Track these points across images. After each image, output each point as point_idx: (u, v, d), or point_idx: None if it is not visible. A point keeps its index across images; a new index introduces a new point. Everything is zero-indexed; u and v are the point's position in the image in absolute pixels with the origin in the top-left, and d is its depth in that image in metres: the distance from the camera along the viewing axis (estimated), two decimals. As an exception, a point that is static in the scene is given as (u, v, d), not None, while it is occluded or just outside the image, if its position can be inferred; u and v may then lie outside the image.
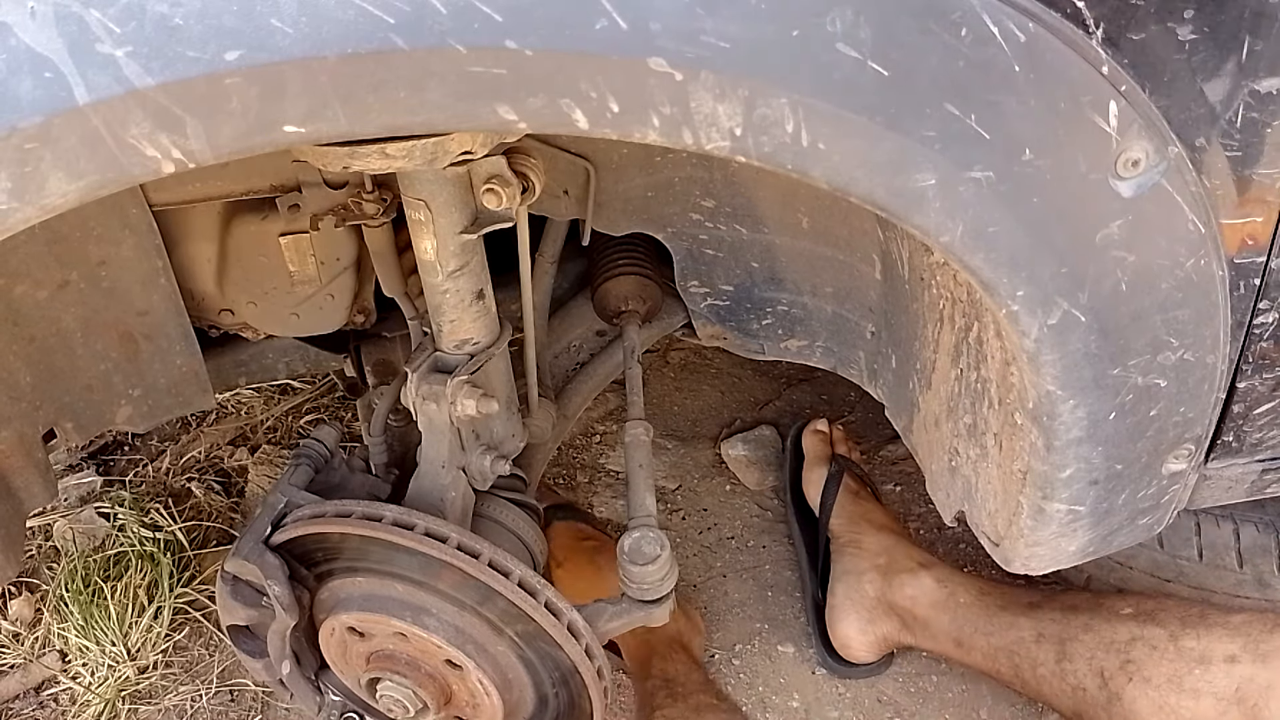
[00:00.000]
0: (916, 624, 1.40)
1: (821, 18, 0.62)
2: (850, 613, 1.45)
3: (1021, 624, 1.30)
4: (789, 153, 0.65)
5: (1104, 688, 1.20)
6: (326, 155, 0.84)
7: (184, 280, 1.15)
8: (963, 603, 1.35)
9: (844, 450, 1.65)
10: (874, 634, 1.44)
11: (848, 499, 1.55)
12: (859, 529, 1.50)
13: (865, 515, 1.53)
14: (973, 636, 1.34)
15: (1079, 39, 0.67)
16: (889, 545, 1.46)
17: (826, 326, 1.25)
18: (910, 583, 1.40)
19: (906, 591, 1.40)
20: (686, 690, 1.33)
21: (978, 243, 0.71)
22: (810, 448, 1.66)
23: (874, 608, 1.43)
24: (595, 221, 1.22)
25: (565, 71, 0.61)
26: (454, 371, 1.07)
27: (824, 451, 1.64)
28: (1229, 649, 1.14)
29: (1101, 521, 0.94)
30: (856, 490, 1.58)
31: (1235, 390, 0.90)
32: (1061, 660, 1.25)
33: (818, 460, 1.63)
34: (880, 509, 1.57)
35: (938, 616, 1.37)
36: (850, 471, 1.60)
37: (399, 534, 0.98)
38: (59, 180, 0.62)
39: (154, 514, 1.69)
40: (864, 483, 1.62)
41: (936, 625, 1.37)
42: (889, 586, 1.42)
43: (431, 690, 1.06)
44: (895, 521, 1.56)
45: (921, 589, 1.39)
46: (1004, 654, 1.31)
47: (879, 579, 1.43)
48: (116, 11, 0.58)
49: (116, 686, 1.49)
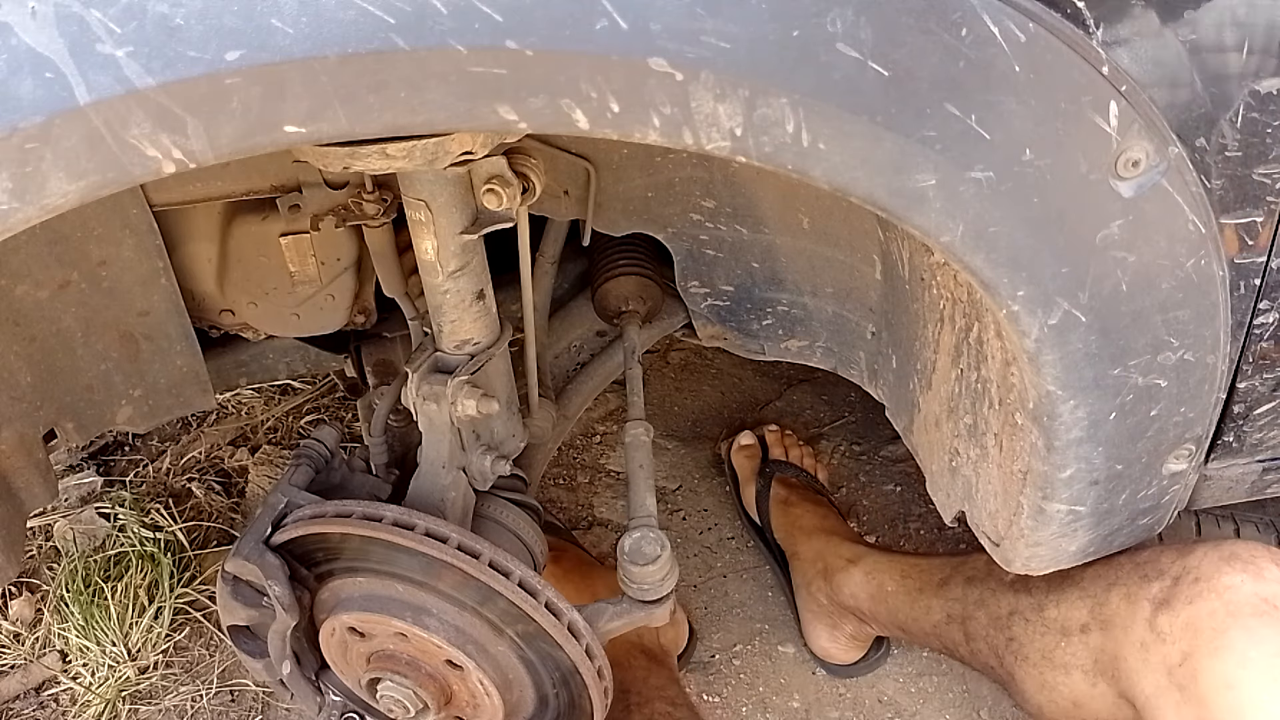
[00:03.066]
0: (867, 617, 1.41)
1: (822, 18, 0.62)
2: (814, 624, 1.47)
3: (935, 606, 1.27)
4: (789, 153, 0.65)
5: (1001, 666, 1.16)
6: (327, 155, 0.84)
7: (184, 280, 1.15)
8: (890, 591, 1.35)
9: (780, 452, 1.65)
10: (843, 636, 1.46)
11: (778, 511, 1.56)
12: (794, 539, 1.52)
13: (795, 523, 1.53)
14: (907, 623, 1.33)
15: (1079, 39, 0.67)
16: (820, 548, 1.47)
17: (827, 327, 1.25)
18: (846, 582, 1.41)
19: (845, 591, 1.41)
20: (643, 698, 1.30)
21: (978, 243, 0.71)
22: (738, 465, 1.67)
23: (830, 612, 1.45)
24: (595, 222, 1.22)
25: (566, 72, 0.61)
26: (454, 372, 1.07)
27: (752, 467, 1.64)
28: (1081, 616, 1.06)
29: (1102, 522, 0.94)
30: (785, 498, 1.58)
31: (1235, 390, 0.90)
32: (969, 641, 1.21)
33: (748, 477, 1.64)
34: (809, 510, 1.56)
35: (875, 609, 1.38)
36: (779, 479, 1.60)
37: (399, 534, 0.98)
38: (60, 180, 0.62)
39: (154, 514, 1.69)
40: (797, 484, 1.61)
41: (879, 616, 1.38)
42: (832, 589, 1.43)
43: (432, 690, 1.06)
44: (824, 518, 1.54)
45: (855, 585, 1.39)
46: (933, 637, 1.29)
47: (823, 583, 1.44)
48: (117, 12, 0.58)
49: (117, 687, 1.49)
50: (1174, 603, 0.97)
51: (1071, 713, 1.10)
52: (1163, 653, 0.97)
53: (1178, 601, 0.97)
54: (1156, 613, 0.98)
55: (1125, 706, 1.04)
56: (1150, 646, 0.98)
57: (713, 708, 1.47)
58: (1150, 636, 0.98)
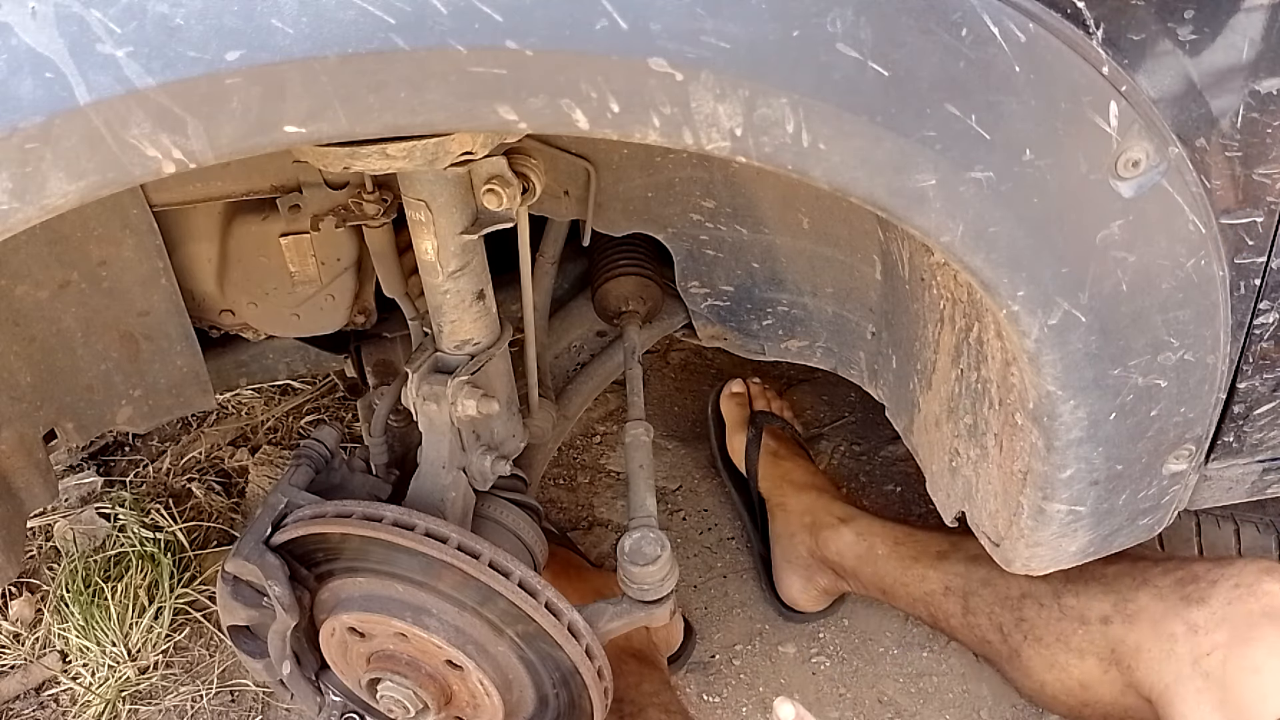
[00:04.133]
0: (848, 575, 1.45)
1: (822, 18, 0.62)
2: (790, 573, 1.51)
3: (931, 576, 1.33)
4: (789, 153, 0.65)
5: (1004, 642, 1.24)
6: (327, 156, 0.84)
7: (184, 281, 1.15)
8: (881, 555, 1.40)
9: (764, 405, 1.67)
10: (815, 588, 1.50)
11: (768, 462, 1.59)
12: (782, 491, 1.55)
13: (786, 476, 1.57)
14: (893, 587, 1.38)
15: (1079, 39, 0.67)
16: (810, 503, 1.51)
17: (827, 327, 1.25)
18: (834, 539, 1.45)
19: (832, 547, 1.45)
20: (637, 706, 1.30)
21: (978, 243, 0.71)
22: (728, 412, 1.68)
23: (809, 564, 1.49)
24: (596, 222, 1.22)
25: (566, 72, 0.61)
26: (454, 372, 1.07)
27: (742, 415, 1.66)
28: (1102, 608, 1.14)
29: (1102, 522, 0.94)
30: (776, 449, 1.61)
31: (1236, 391, 0.90)
32: (967, 614, 1.28)
33: (737, 424, 1.66)
34: (800, 465, 1.59)
35: (861, 568, 1.42)
36: (770, 430, 1.62)
37: (399, 534, 0.98)
38: (60, 180, 0.62)
39: (154, 514, 1.69)
40: (787, 436, 1.64)
41: (863, 576, 1.43)
42: (817, 543, 1.47)
43: (432, 691, 1.06)
44: (816, 475, 1.59)
45: (844, 544, 1.44)
46: (921, 604, 1.35)
47: (808, 537, 1.48)
48: (117, 12, 0.58)
49: (117, 687, 1.49)
50: (1211, 601, 1.05)
51: (1077, 693, 1.18)
52: (1192, 644, 1.04)
53: (1215, 601, 1.05)
54: (1191, 609, 1.06)
55: (1130, 695, 1.12)
56: (1180, 639, 1.06)
57: (713, 708, 1.47)
58: (1182, 630, 1.06)
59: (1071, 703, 1.20)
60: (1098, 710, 1.18)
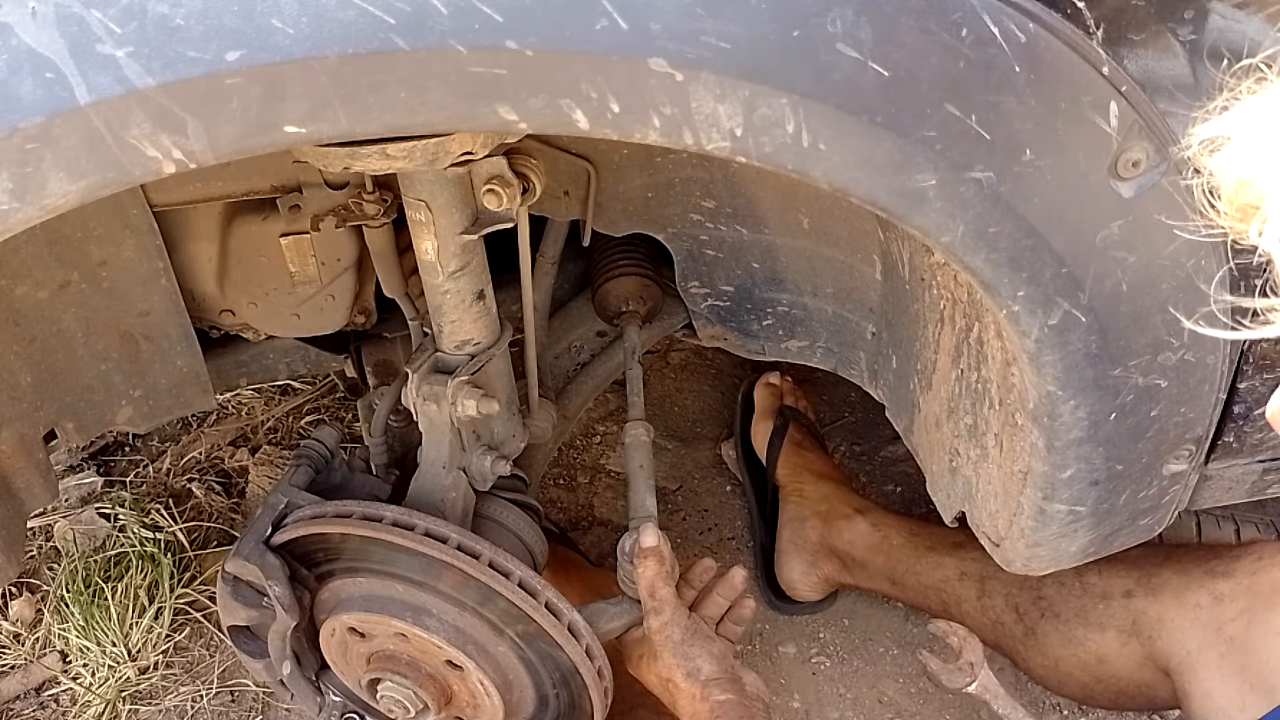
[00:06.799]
0: (855, 565, 1.47)
1: (822, 18, 0.62)
2: (795, 556, 1.52)
3: (946, 563, 1.36)
4: (789, 153, 0.65)
5: (1019, 622, 1.27)
6: (327, 156, 0.84)
7: (185, 281, 1.15)
8: (895, 544, 1.43)
9: (792, 401, 1.71)
10: (817, 575, 1.51)
11: (791, 450, 1.62)
12: (801, 478, 1.57)
13: (807, 465, 1.60)
14: (905, 576, 1.41)
15: (1079, 40, 0.67)
16: (828, 493, 1.53)
17: (827, 327, 1.25)
18: (848, 528, 1.47)
19: (845, 536, 1.47)
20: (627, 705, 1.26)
21: (978, 243, 0.71)
22: (760, 400, 1.72)
23: (816, 551, 1.51)
24: (596, 222, 1.22)
25: (566, 72, 0.61)
26: (454, 372, 1.07)
27: (772, 404, 1.70)
28: (1125, 583, 1.18)
29: (1102, 522, 0.94)
30: (800, 441, 1.64)
31: (1236, 391, 0.90)
32: (982, 597, 1.31)
33: (766, 412, 1.69)
34: (821, 458, 1.63)
35: (873, 558, 1.45)
36: (796, 423, 1.66)
37: (399, 534, 0.98)
38: (60, 180, 0.62)
39: (155, 514, 1.69)
40: (809, 432, 1.68)
41: (873, 566, 1.45)
42: (829, 531, 1.49)
43: (432, 691, 1.06)
44: (836, 469, 1.64)
45: (858, 533, 1.46)
46: (933, 591, 1.38)
47: (820, 524, 1.50)
48: (117, 12, 0.58)
49: (117, 687, 1.49)
50: (1236, 574, 1.11)
51: (1092, 667, 1.22)
52: (1217, 612, 1.09)
53: (1240, 573, 1.10)
54: (1216, 581, 1.11)
55: (1148, 668, 1.16)
56: (1204, 607, 1.11)
57: (713, 708, 1.47)
58: (1207, 600, 1.11)
59: (1085, 679, 1.23)
60: (1111, 686, 1.21)
